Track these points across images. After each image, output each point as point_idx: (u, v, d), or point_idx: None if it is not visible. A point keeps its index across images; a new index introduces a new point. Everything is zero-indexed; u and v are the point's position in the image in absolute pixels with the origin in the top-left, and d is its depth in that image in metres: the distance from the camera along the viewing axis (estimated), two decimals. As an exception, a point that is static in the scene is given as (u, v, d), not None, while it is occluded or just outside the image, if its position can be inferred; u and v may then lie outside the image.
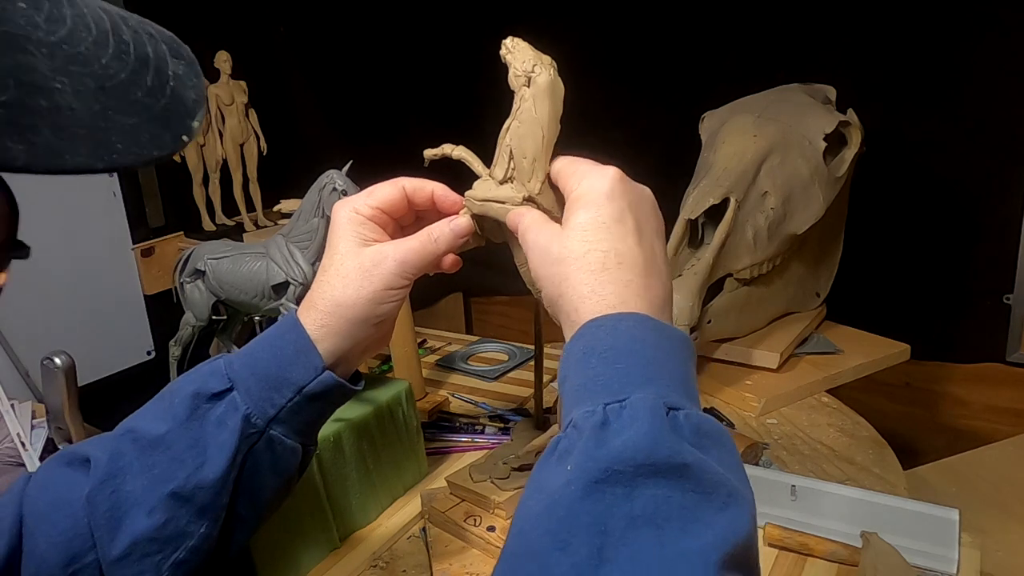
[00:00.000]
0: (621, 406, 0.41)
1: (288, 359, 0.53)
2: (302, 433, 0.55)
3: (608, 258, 0.47)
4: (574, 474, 0.38)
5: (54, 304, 1.48)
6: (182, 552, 0.51)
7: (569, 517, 0.37)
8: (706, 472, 0.38)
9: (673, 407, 0.41)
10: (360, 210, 0.56)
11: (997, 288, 1.46)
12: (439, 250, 0.56)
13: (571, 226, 0.49)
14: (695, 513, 0.37)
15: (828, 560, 0.75)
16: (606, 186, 0.49)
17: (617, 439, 0.39)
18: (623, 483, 0.37)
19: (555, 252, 0.49)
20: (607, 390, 0.42)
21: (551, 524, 0.38)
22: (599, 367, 0.43)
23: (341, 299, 0.53)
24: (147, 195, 1.62)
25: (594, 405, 0.41)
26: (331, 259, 0.55)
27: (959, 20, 1.39)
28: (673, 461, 0.38)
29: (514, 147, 0.55)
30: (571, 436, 0.41)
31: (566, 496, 0.38)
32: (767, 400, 1.08)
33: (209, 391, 0.52)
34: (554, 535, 0.37)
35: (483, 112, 1.63)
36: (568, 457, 0.40)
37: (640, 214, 0.49)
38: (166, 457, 0.51)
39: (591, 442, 0.39)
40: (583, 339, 0.45)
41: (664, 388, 0.42)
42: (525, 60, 0.54)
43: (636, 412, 0.40)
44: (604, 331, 0.45)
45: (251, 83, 1.68)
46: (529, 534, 0.39)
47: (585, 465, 0.38)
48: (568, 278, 0.48)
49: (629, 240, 0.48)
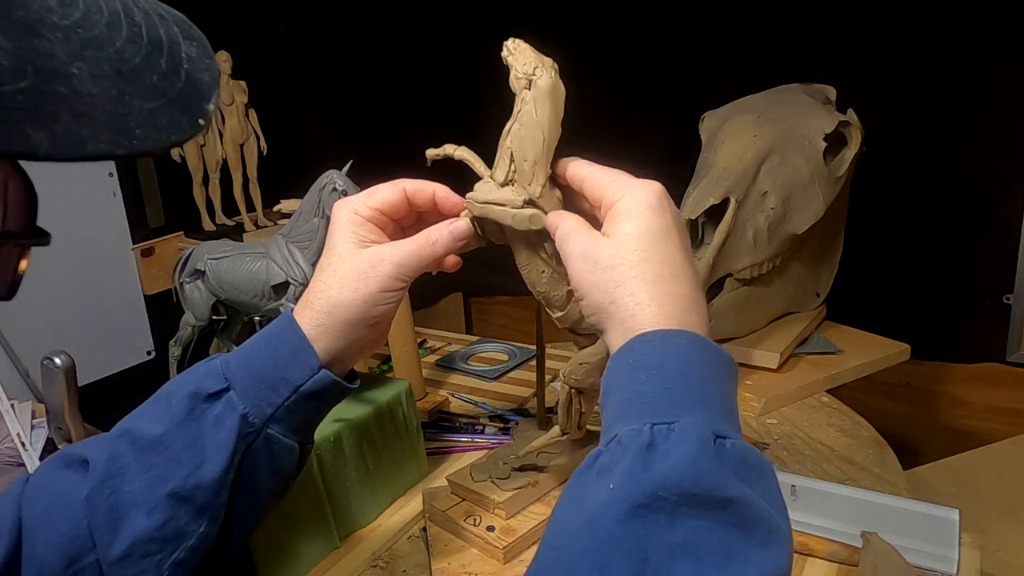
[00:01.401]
0: (669, 428, 0.40)
1: (285, 359, 0.53)
2: (299, 432, 0.55)
3: (663, 269, 0.47)
4: (617, 495, 0.38)
5: (54, 304, 1.48)
6: (182, 552, 0.51)
7: (610, 540, 0.37)
8: (749, 507, 0.38)
9: (720, 435, 0.40)
10: (359, 211, 0.56)
11: (997, 288, 1.46)
12: (437, 253, 0.56)
13: (621, 234, 0.49)
14: (736, 548, 0.37)
15: (828, 560, 0.75)
16: (654, 200, 0.49)
17: (663, 463, 0.38)
18: (666, 511, 0.37)
19: (607, 259, 0.48)
20: (655, 409, 0.41)
21: (590, 544, 0.37)
22: (648, 384, 0.43)
23: (337, 300, 0.54)
24: (147, 195, 1.62)
25: (640, 424, 0.40)
26: (329, 259, 0.55)
27: (959, 20, 1.39)
28: (718, 494, 0.37)
29: (515, 149, 0.55)
30: (614, 452, 0.41)
31: (607, 517, 0.37)
32: (767, 400, 1.08)
33: (206, 391, 0.52)
34: (592, 555, 0.37)
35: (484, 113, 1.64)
36: (610, 474, 0.39)
37: (681, 232, 0.50)
38: (164, 457, 0.51)
39: (637, 464, 0.39)
40: (633, 352, 0.45)
41: (712, 414, 0.41)
42: (526, 62, 0.54)
43: (684, 437, 0.39)
44: (654, 347, 0.44)
45: (251, 83, 1.68)
46: (566, 551, 0.38)
47: (629, 487, 0.38)
48: (623, 284, 0.47)
49: (681, 256, 0.48)
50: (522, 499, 0.80)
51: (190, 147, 1.63)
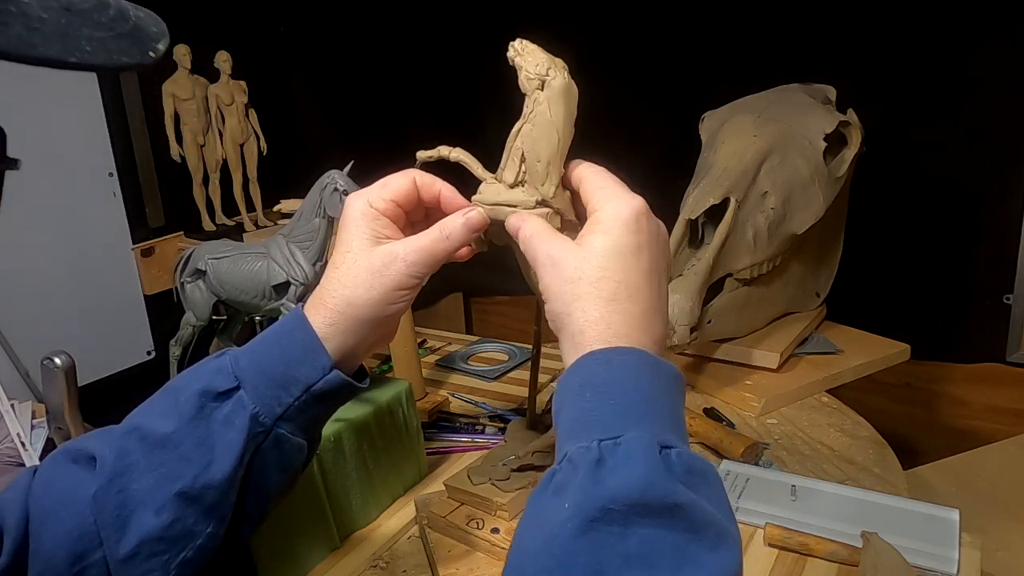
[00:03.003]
0: (615, 443, 0.41)
1: (296, 358, 0.53)
2: (308, 430, 0.55)
3: (620, 289, 0.48)
4: (571, 512, 0.39)
5: (54, 304, 1.48)
6: (189, 551, 0.51)
7: (565, 556, 0.38)
8: (698, 512, 0.39)
9: (666, 445, 0.41)
10: (374, 203, 0.55)
11: (997, 288, 1.46)
12: (451, 247, 0.55)
13: (588, 248, 0.49)
14: (687, 552, 0.38)
15: (828, 560, 0.75)
16: (631, 217, 0.49)
17: (613, 478, 0.40)
18: (618, 522, 0.38)
19: (569, 270, 0.49)
20: (601, 426, 0.42)
21: (548, 562, 0.39)
22: (594, 401, 0.44)
23: (352, 299, 0.53)
24: (147, 195, 1.63)
25: (588, 441, 0.42)
26: (343, 256, 0.54)
27: (959, 20, 1.39)
28: (667, 501, 0.39)
29: (527, 150, 0.55)
30: (567, 470, 0.42)
31: (563, 534, 0.39)
32: (767, 400, 1.08)
33: (216, 389, 0.52)
34: (552, 572, 0.38)
35: (483, 113, 1.64)
36: (565, 492, 0.41)
37: (655, 251, 0.50)
38: (173, 456, 0.50)
39: (588, 480, 0.40)
40: (580, 372, 0.46)
41: (657, 426, 0.43)
42: (538, 63, 0.53)
43: (631, 450, 0.41)
44: (600, 365, 0.46)
45: (251, 83, 1.68)
46: (527, 569, 0.40)
47: (582, 503, 0.39)
48: (579, 299, 0.48)
49: (642, 276, 0.49)
50: (524, 500, 0.80)
51: (190, 147, 1.63)
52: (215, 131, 1.65)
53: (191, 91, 1.60)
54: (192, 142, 1.63)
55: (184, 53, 1.58)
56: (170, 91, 1.59)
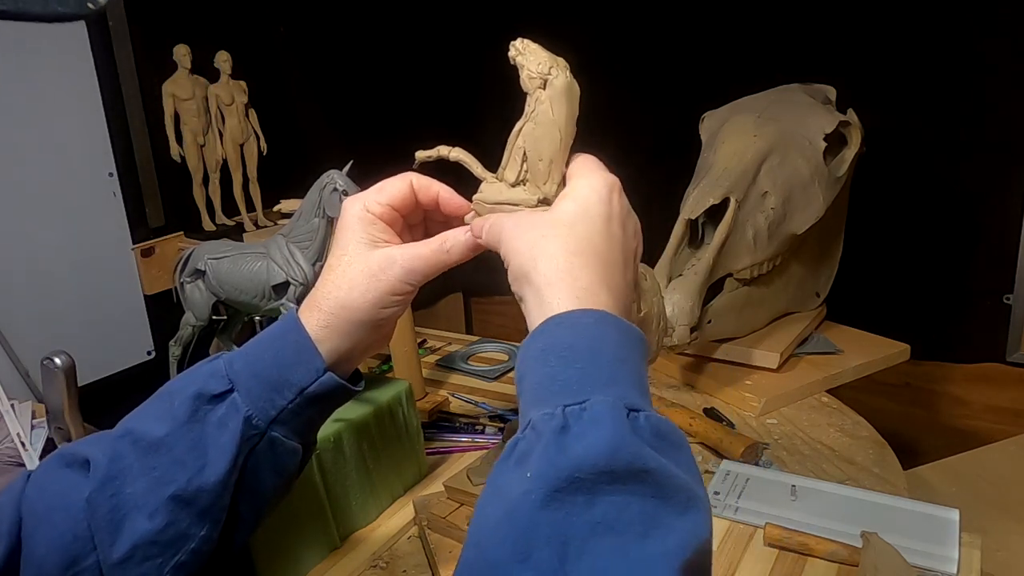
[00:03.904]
0: (581, 408, 0.40)
1: (289, 360, 0.52)
2: (302, 433, 0.55)
3: (585, 245, 0.47)
4: (534, 482, 0.38)
5: (54, 304, 1.48)
6: (183, 555, 0.51)
7: (530, 527, 0.37)
8: (667, 476, 0.38)
9: (633, 408, 0.40)
10: (371, 208, 0.55)
11: (997, 288, 1.46)
12: (450, 260, 0.55)
13: (556, 210, 0.50)
14: (656, 518, 0.37)
15: (828, 560, 0.75)
16: (603, 189, 0.50)
17: (578, 445, 0.38)
18: (584, 491, 0.37)
19: (538, 225, 0.49)
20: (566, 391, 0.41)
21: (511, 534, 0.37)
22: (558, 367, 0.42)
23: (346, 301, 0.53)
24: (147, 195, 1.62)
25: (553, 407, 0.40)
26: (339, 260, 0.54)
27: (959, 20, 1.39)
28: (634, 467, 0.37)
29: (529, 149, 0.55)
30: (529, 439, 0.40)
31: (526, 505, 0.37)
32: (767, 400, 1.08)
33: (209, 392, 0.51)
34: (514, 545, 0.36)
35: (483, 112, 1.64)
36: (527, 461, 0.39)
37: (625, 229, 0.50)
38: (167, 459, 0.50)
39: (552, 448, 0.38)
40: (542, 336, 0.45)
41: (624, 389, 0.41)
42: (540, 62, 0.53)
43: (596, 416, 0.39)
44: (564, 328, 0.44)
45: (251, 83, 1.68)
46: (487, 544, 0.38)
47: (546, 473, 0.38)
48: (546, 251, 0.47)
49: (608, 242, 0.48)
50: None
51: (190, 147, 1.63)
52: (215, 131, 1.65)
53: (191, 91, 1.60)
54: (192, 142, 1.63)
55: (184, 53, 1.58)
56: (170, 91, 1.59)
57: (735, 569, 0.75)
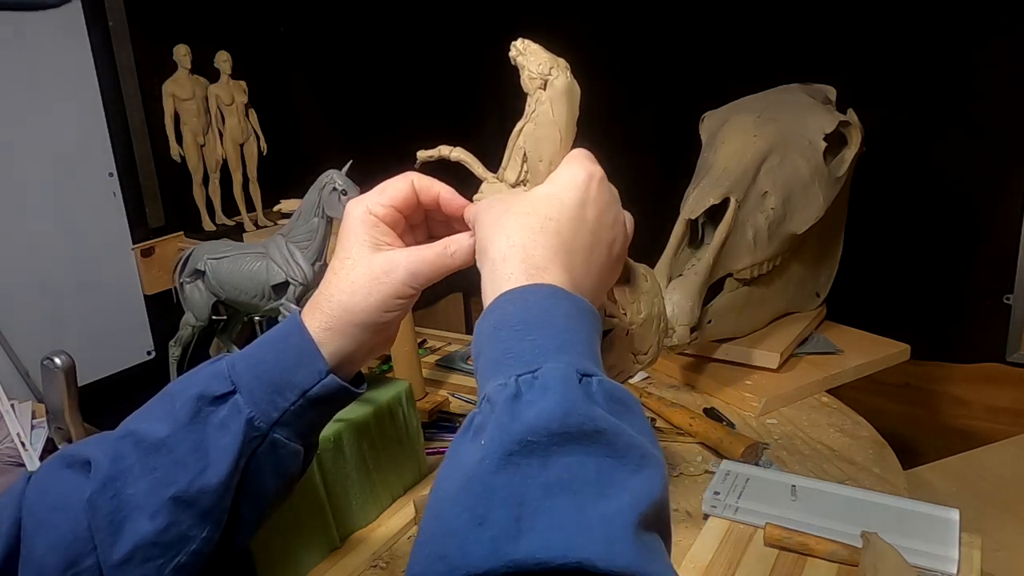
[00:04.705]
0: (533, 376, 0.40)
1: (291, 362, 0.52)
2: (304, 435, 0.55)
3: (548, 224, 0.48)
4: (488, 449, 0.38)
5: (54, 304, 1.48)
6: (184, 556, 0.50)
7: (485, 492, 0.37)
8: (619, 436, 0.39)
9: (586, 374, 0.41)
10: (373, 210, 0.55)
11: (997, 288, 1.46)
12: (454, 264, 0.55)
13: (532, 191, 0.51)
14: (610, 476, 0.37)
15: (828, 560, 0.75)
16: (580, 176, 0.51)
17: (530, 410, 0.39)
18: (538, 453, 0.37)
19: (507, 203, 0.50)
20: (519, 361, 0.42)
21: (468, 500, 0.37)
22: (510, 340, 0.43)
23: (348, 304, 0.53)
24: (147, 195, 1.62)
25: (506, 378, 0.41)
26: (342, 262, 0.54)
27: (959, 20, 1.39)
28: (586, 427, 0.38)
29: (529, 149, 0.55)
30: (484, 411, 0.41)
31: (481, 471, 0.38)
32: (767, 400, 1.08)
33: (212, 394, 0.51)
34: (471, 511, 0.37)
35: (483, 112, 1.63)
36: (482, 432, 0.40)
37: (600, 218, 0.51)
38: (168, 460, 0.50)
39: (504, 415, 0.39)
40: (494, 314, 0.45)
41: (576, 356, 0.42)
42: (541, 63, 0.53)
43: (548, 381, 0.40)
44: (514, 305, 0.45)
45: (251, 83, 1.68)
46: (447, 513, 0.38)
47: (500, 439, 0.38)
48: (504, 226, 0.48)
49: (575, 225, 0.49)
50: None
51: (190, 147, 1.63)
52: (215, 131, 1.65)
53: (191, 91, 1.60)
54: (192, 142, 1.63)
55: (184, 53, 1.58)
56: (170, 91, 1.59)
57: (735, 569, 0.75)
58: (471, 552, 0.36)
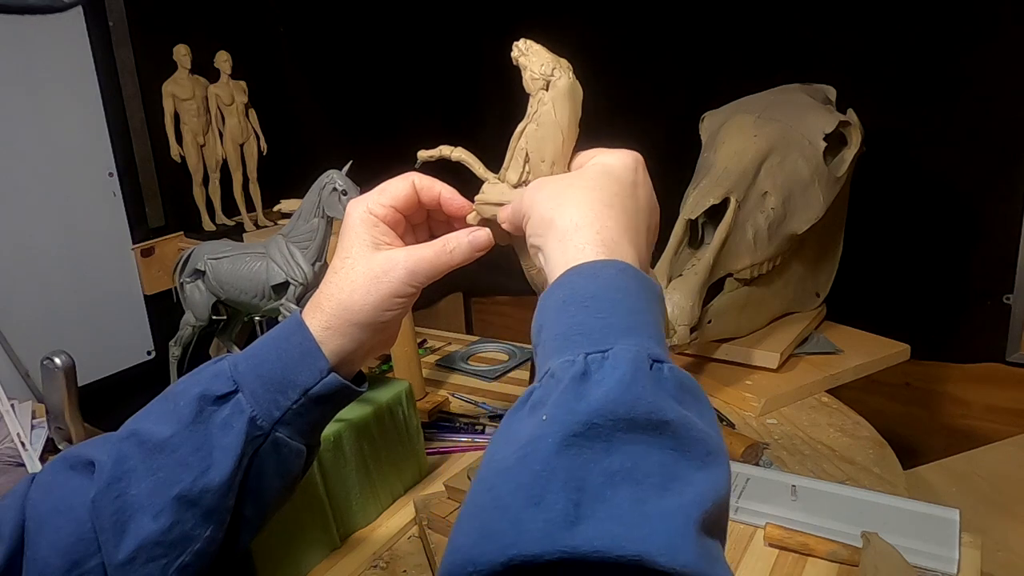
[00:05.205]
0: (603, 356, 0.39)
1: (293, 361, 0.53)
2: (306, 434, 0.55)
3: (615, 200, 0.48)
4: (550, 427, 0.37)
5: (54, 304, 1.48)
6: (188, 556, 0.50)
7: (544, 472, 0.36)
8: (687, 429, 0.37)
9: (656, 359, 0.40)
10: (373, 210, 0.55)
11: (997, 288, 1.46)
12: (453, 262, 0.55)
13: (583, 168, 0.51)
14: (675, 470, 0.36)
15: (828, 560, 0.75)
16: (628, 159, 0.51)
17: (598, 391, 0.38)
18: (602, 437, 0.36)
19: (565, 178, 0.50)
20: (588, 340, 0.40)
21: (523, 478, 0.36)
22: (580, 316, 0.42)
23: (348, 303, 0.53)
24: (147, 195, 1.63)
25: (574, 355, 0.40)
26: (342, 262, 0.55)
27: (959, 20, 1.39)
28: (654, 417, 0.37)
29: (531, 150, 0.55)
30: (547, 385, 0.40)
31: (541, 450, 0.36)
32: (767, 400, 1.08)
33: (214, 393, 0.52)
34: (527, 490, 0.36)
35: (484, 112, 1.63)
36: (542, 407, 0.39)
37: (649, 202, 0.51)
38: (171, 460, 0.50)
39: (570, 394, 0.38)
40: (563, 287, 0.44)
41: (646, 339, 0.41)
42: (543, 63, 0.54)
43: (618, 363, 0.39)
44: (585, 279, 0.44)
45: (251, 83, 1.69)
46: (500, 488, 0.37)
47: (563, 418, 0.37)
48: (572, 196, 0.48)
49: (635, 203, 0.49)
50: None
51: (190, 147, 1.63)
52: (215, 131, 1.65)
53: (191, 91, 1.60)
54: (192, 142, 1.63)
55: (184, 53, 1.58)
56: (170, 91, 1.59)
57: (735, 569, 0.75)
58: (524, 532, 0.35)
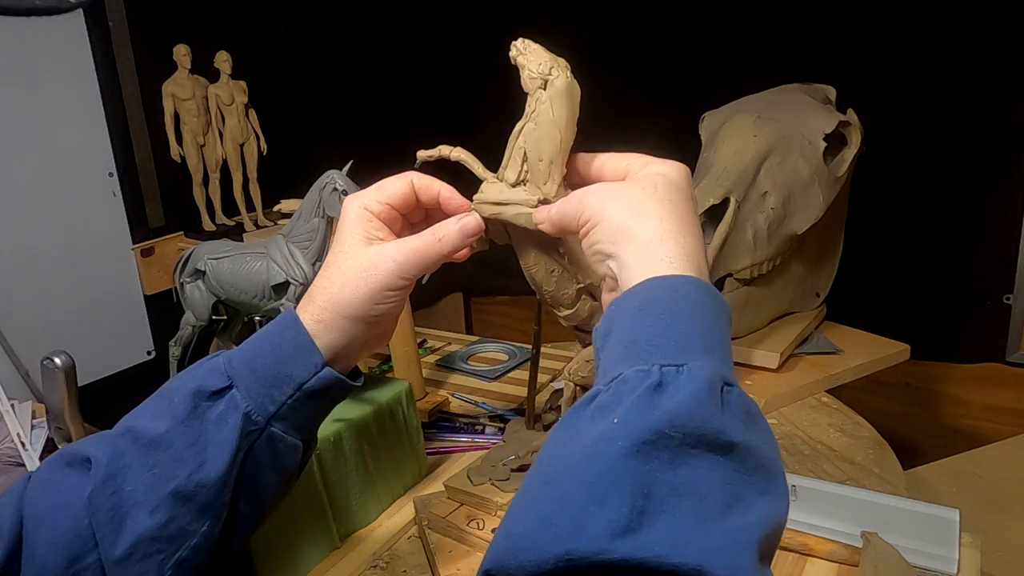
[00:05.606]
0: (678, 371, 0.40)
1: (287, 356, 0.53)
2: (302, 430, 0.55)
3: (689, 216, 0.48)
4: (621, 429, 0.38)
5: (54, 304, 1.48)
6: (184, 551, 0.51)
7: (611, 473, 0.37)
8: (752, 453, 0.38)
9: (727, 382, 0.41)
10: (369, 206, 0.55)
11: (997, 288, 1.46)
12: (443, 251, 0.55)
13: (648, 179, 0.50)
14: (738, 492, 0.37)
15: (828, 560, 0.75)
16: (684, 170, 0.51)
17: (671, 402, 0.38)
18: (670, 449, 0.37)
19: (635, 188, 0.49)
20: (663, 352, 0.41)
21: (589, 476, 0.37)
22: (656, 328, 0.42)
23: (338, 297, 0.53)
24: (147, 195, 1.62)
25: (648, 364, 0.40)
26: (335, 256, 0.55)
27: (959, 20, 1.39)
28: (722, 438, 0.38)
29: (529, 149, 0.55)
30: (617, 390, 0.40)
31: (609, 451, 0.37)
32: (767, 400, 1.08)
33: (209, 389, 0.52)
34: (592, 488, 0.37)
35: (483, 112, 1.63)
36: (612, 411, 0.39)
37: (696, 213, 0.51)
38: (167, 456, 0.50)
39: (643, 401, 0.39)
40: (639, 296, 0.45)
41: (720, 361, 0.42)
42: (541, 62, 0.54)
43: (693, 379, 0.39)
44: (664, 291, 0.44)
45: (251, 83, 1.68)
46: (563, 482, 0.38)
47: (635, 423, 0.38)
48: (652, 208, 0.47)
49: (695, 219, 0.49)
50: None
51: (190, 147, 1.63)
52: (215, 131, 1.65)
53: (191, 91, 1.60)
54: (192, 142, 1.63)
55: (184, 53, 1.58)
56: (170, 91, 1.59)
57: (735, 569, 0.75)
58: (583, 528, 0.35)
